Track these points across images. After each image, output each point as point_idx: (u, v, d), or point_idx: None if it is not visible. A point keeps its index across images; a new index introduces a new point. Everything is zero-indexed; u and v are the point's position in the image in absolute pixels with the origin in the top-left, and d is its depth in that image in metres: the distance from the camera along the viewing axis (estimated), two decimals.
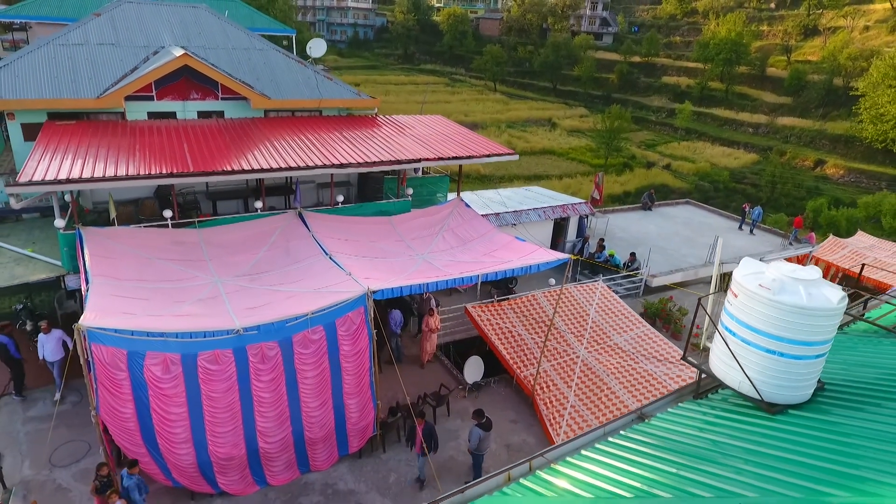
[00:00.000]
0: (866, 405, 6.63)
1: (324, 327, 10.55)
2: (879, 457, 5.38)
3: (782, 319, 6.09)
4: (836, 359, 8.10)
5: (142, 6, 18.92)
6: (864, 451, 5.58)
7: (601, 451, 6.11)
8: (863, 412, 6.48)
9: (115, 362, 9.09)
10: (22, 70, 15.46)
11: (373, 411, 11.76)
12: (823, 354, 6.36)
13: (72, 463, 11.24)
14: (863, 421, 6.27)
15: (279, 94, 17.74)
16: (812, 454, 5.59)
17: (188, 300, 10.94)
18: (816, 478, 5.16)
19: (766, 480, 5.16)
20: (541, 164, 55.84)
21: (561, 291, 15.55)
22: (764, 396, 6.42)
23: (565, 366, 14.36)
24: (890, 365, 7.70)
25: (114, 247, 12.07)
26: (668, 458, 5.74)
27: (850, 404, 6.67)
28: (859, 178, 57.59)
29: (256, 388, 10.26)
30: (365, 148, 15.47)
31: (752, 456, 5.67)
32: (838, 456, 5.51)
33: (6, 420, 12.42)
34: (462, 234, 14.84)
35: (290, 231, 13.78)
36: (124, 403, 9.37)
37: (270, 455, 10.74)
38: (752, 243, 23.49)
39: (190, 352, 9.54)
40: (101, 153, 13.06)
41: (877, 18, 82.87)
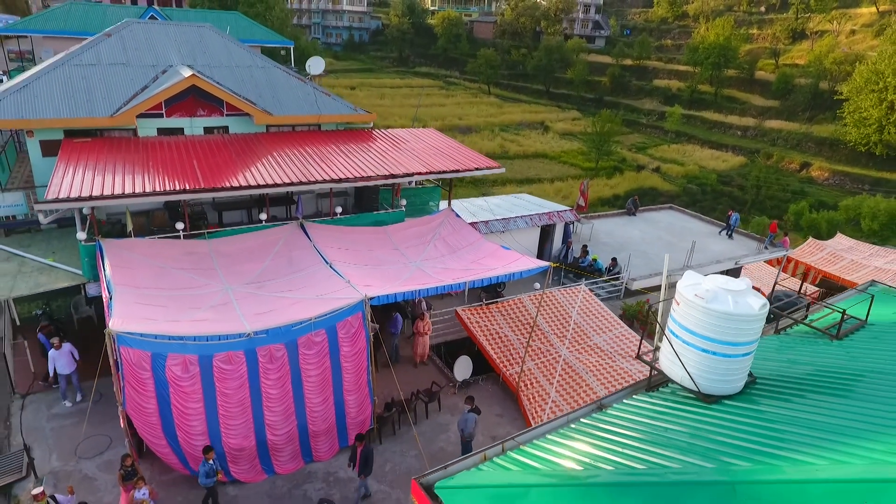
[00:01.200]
0: (792, 396, 7.81)
1: (326, 330, 11.68)
2: (797, 439, 6.53)
3: (714, 324, 7.27)
4: (773, 357, 9.30)
5: (150, 26, 19.99)
6: (784, 433, 6.74)
7: (563, 434, 7.27)
8: (788, 402, 7.66)
9: (140, 363, 10.20)
10: (40, 90, 16.50)
11: (370, 406, 12.89)
12: (750, 353, 7.54)
13: (96, 455, 12.32)
14: (787, 409, 7.45)
15: (280, 110, 18.84)
16: (738, 436, 6.76)
17: (202, 306, 12.05)
18: (737, 455, 6.31)
19: (693, 456, 6.32)
20: (533, 167, 57.03)
21: (542, 296, 16.71)
22: (701, 389, 7.60)
23: (548, 364, 15.54)
24: (819, 362, 8.90)
25: (131, 257, 13.17)
26: (617, 440, 6.90)
27: (777, 395, 7.86)
28: (843, 181, 59.05)
29: (265, 385, 11.38)
30: (362, 162, 16.60)
31: (687, 438, 6.83)
32: (761, 438, 6.67)
33: (32, 417, 13.48)
34: (452, 242, 15.98)
35: (293, 241, 14.89)
36: (148, 400, 10.48)
37: (277, 446, 11.86)
38: (729, 247, 24.73)
39: (206, 353, 10.65)
40: (118, 170, 14.14)
41: (863, 22, 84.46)
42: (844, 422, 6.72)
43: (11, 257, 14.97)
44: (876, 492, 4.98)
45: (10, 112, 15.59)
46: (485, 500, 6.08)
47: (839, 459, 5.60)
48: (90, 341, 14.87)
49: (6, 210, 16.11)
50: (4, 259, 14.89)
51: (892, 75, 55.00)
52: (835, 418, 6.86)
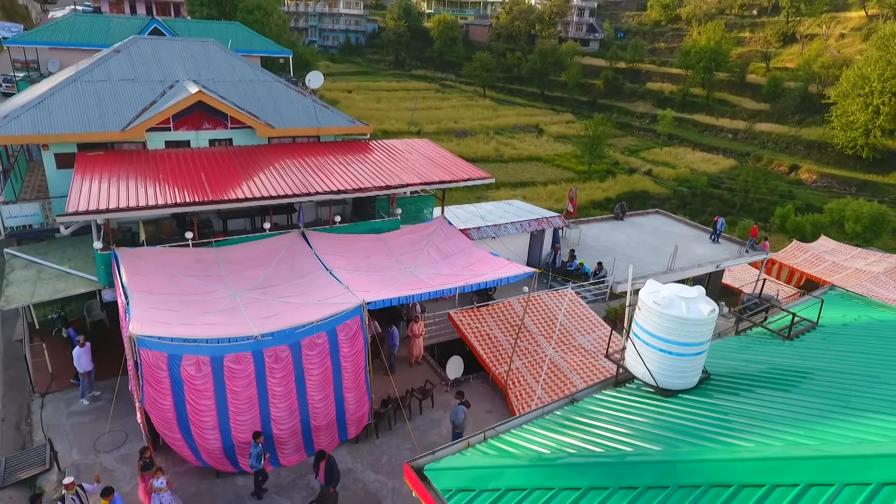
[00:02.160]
0: (742, 391, 8.82)
1: (327, 333, 12.66)
2: (738, 426, 7.51)
3: (669, 327, 8.27)
4: (731, 356, 10.32)
5: (156, 42, 20.95)
6: (729, 422, 7.73)
7: (537, 424, 8.27)
8: (738, 395, 8.67)
9: (157, 363, 11.17)
10: (54, 106, 17.43)
11: (368, 403, 13.88)
12: (702, 352, 8.55)
13: (113, 449, 13.28)
14: (736, 402, 8.45)
15: (282, 122, 19.81)
16: (688, 425, 7.76)
17: (212, 311, 13.03)
18: (684, 440, 7.30)
19: (647, 441, 7.33)
20: (527, 170, 58.07)
21: (529, 299, 17.72)
22: (659, 384, 8.61)
23: (535, 363, 16.56)
24: (770, 360, 9.92)
25: (145, 265, 14.13)
26: (583, 429, 7.91)
27: (729, 390, 8.87)
28: (831, 183, 60.32)
29: (271, 383, 12.35)
30: (359, 173, 17.59)
31: (644, 426, 7.84)
32: (707, 426, 7.67)
33: (51, 415, 14.43)
34: (444, 249, 16.98)
35: (295, 249, 15.88)
36: (164, 397, 11.45)
37: (282, 440, 12.84)
38: (712, 251, 25.77)
39: (217, 354, 11.63)
40: (131, 182, 15.11)
41: (852, 26, 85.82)
42: (784, 412, 7.71)
43: (30, 265, 15.92)
44: (785, 467, 6.00)
45: (27, 127, 16.53)
46: (466, 480, 7.08)
47: (765, 442, 6.61)
48: (102, 344, 15.91)
49: (23, 220, 17.03)
50: (23, 266, 15.84)
51: (877, 80, 56.29)
52: (777, 409, 7.86)
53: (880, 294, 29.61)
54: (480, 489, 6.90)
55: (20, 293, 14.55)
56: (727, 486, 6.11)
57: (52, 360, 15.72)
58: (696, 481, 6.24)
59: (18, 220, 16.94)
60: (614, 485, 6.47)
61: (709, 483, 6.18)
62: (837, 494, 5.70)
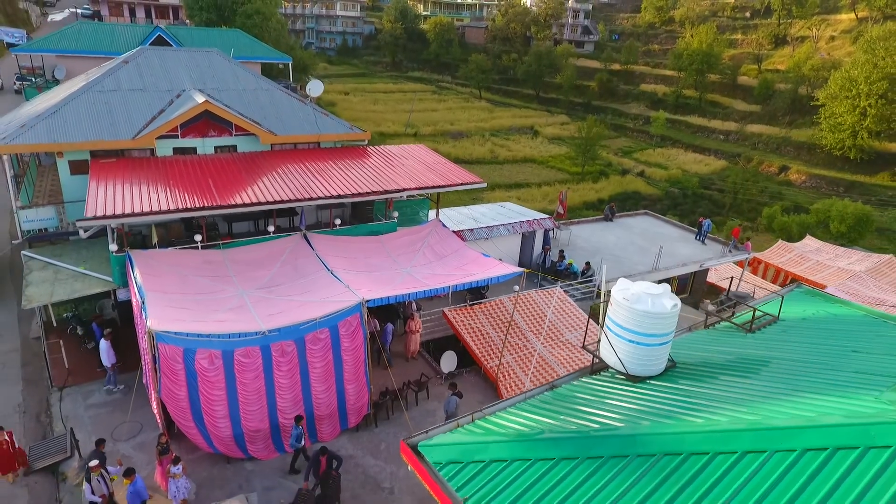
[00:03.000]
0: (705, 377, 9.84)
1: (329, 329, 13.62)
2: (696, 406, 8.52)
3: (637, 320, 9.28)
4: (699, 347, 11.34)
5: (163, 53, 21.88)
6: (688, 403, 8.74)
7: (520, 407, 9.28)
8: (700, 381, 9.69)
9: (174, 357, 12.12)
10: (69, 115, 18.35)
11: (367, 394, 14.84)
12: (667, 343, 9.56)
13: (130, 438, 14.21)
14: (697, 386, 9.47)
15: (283, 130, 20.76)
16: (651, 405, 8.78)
17: (221, 309, 13.98)
18: (646, 417, 8.32)
19: (614, 419, 8.33)
20: (522, 172, 59.09)
21: (517, 298, 18.71)
22: (629, 371, 9.62)
23: (524, 358, 17.55)
24: (733, 350, 10.94)
25: (157, 266, 15.07)
26: (559, 410, 8.92)
27: (693, 376, 9.88)
28: (820, 184, 61.47)
29: (277, 376, 13.31)
30: (358, 178, 18.55)
31: (613, 408, 8.84)
32: (668, 406, 8.69)
33: (70, 407, 15.34)
34: (439, 250, 17.96)
35: (298, 250, 16.84)
36: (180, 388, 12.40)
37: (288, 428, 13.77)
38: (697, 251, 26.79)
39: (228, 349, 12.58)
40: (143, 188, 16.05)
41: (842, 28, 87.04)
42: (737, 394, 8.72)
43: (47, 266, 16.83)
44: (727, 438, 7.00)
45: (43, 136, 17.46)
46: (455, 454, 8.07)
47: (713, 418, 7.61)
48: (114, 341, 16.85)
49: (39, 223, 17.96)
50: (41, 268, 16.75)
51: (864, 83, 57.44)
52: (730, 392, 8.87)
53: (860, 292, 30.66)
54: (467, 461, 7.91)
55: (40, 293, 15.47)
56: (677, 455, 7.13)
57: (69, 357, 16.63)
58: (652, 451, 7.26)
59: (35, 223, 17.86)
60: (582, 455, 7.47)
61: (662, 452, 7.19)
62: (769, 459, 6.73)
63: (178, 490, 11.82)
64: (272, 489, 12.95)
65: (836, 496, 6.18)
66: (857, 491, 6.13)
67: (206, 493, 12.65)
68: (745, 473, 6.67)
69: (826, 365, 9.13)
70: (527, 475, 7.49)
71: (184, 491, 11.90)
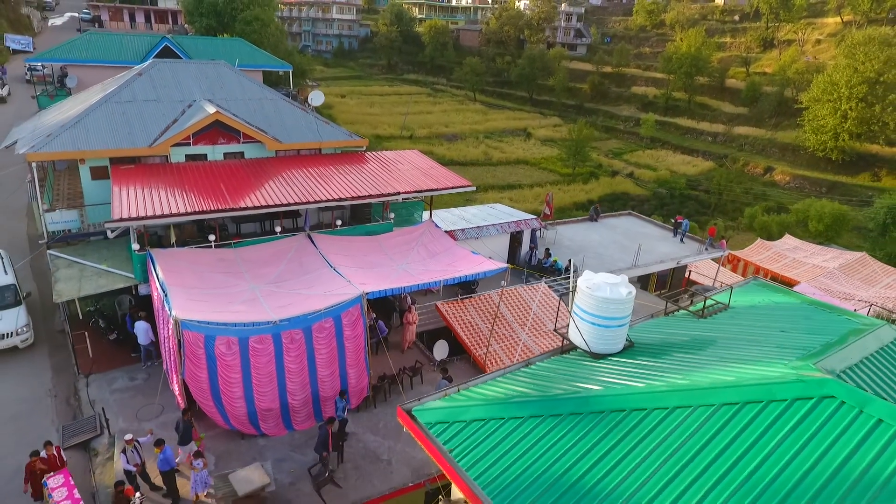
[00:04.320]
0: (658, 354, 11.45)
1: (333, 319, 15.21)
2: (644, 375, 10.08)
3: (597, 305, 10.90)
4: (657, 330, 12.97)
5: (174, 65, 23.42)
6: (639, 374, 10.34)
7: (498, 380, 10.89)
8: (654, 357, 11.30)
9: (196, 343, 13.69)
10: (90, 125, 19.85)
11: (367, 378, 16.44)
12: (624, 325, 11.18)
13: (153, 418, 15.76)
14: (651, 361, 11.07)
15: (287, 137, 22.32)
16: (607, 376, 10.39)
17: (235, 301, 15.57)
18: (600, 384, 9.93)
19: (574, 387, 9.94)
20: (514, 173, 60.80)
21: (507, 292, 20.36)
22: (592, 349, 11.25)
23: (510, 347, 19.18)
24: (684, 333, 12.57)
25: (176, 263, 16.64)
26: (531, 381, 10.53)
27: (646, 353, 11.49)
28: (803, 184, 63.38)
29: (287, 361, 14.89)
30: (357, 182, 20.15)
31: (576, 378, 10.46)
32: (621, 376, 10.29)
33: (97, 392, 16.87)
34: (432, 248, 19.58)
35: (303, 249, 18.43)
36: (201, 371, 13.98)
37: (296, 408, 15.38)
38: (675, 249, 28.48)
39: (244, 336, 14.16)
40: (162, 193, 17.60)
41: (828, 32, 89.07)
42: (679, 365, 10.35)
43: (72, 264, 18.35)
44: (661, 397, 8.64)
45: (68, 144, 18.98)
46: (442, 416, 9.69)
47: (653, 383, 9.25)
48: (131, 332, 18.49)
49: (63, 225, 19.44)
50: (66, 266, 18.27)
51: (845, 86, 59.35)
52: (674, 364, 10.50)
53: (831, 287, 32.45)
54: (452, 421, 9.53)
55: (69, 288, 17.00)
56: (622, 411, 8.78)
57: (93, 347, 18.17)
58: (601, 409, 8.90)
59: (59, 225, 19.36)
60: (546, 413, 9.11)
61: (609, 409, 8.84)
62: (693, 412, 8.40)
63: (199, 482, 12.69)
64: (283, 461, 14.54)
65: (742, 437, 7.83)
66: (759, 432, 7.79)
67: (224, 464, 14.22)
68: (674, 423, 8.32)
69: (756, 342, 10.78)
70: (500, 430, 9.12)
71: (204, 484, 12.71)
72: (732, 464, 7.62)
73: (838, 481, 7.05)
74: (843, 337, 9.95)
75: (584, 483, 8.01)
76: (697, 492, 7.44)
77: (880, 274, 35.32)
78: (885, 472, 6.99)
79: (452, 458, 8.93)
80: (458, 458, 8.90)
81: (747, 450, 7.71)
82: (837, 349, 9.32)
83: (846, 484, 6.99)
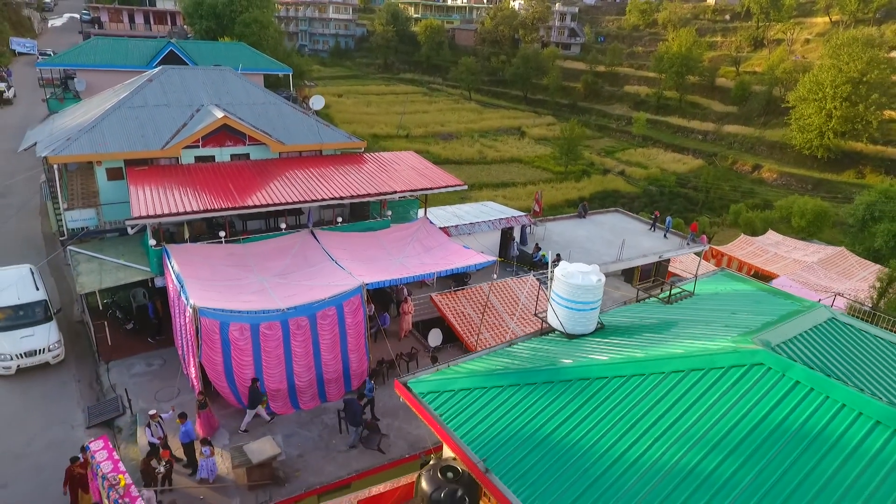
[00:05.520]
0: (625, 334, 12.92)
1: (335, 307, 16.64)
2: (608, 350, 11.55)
3: (570, 291, 12.36)
4: (628, 315, 14.44)
5: (183, 71, 24.77)
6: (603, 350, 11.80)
7: (483, 357, 12.35)
8: (623, 336, 12.77)
9: (212, 328, 15.10)
10: (105, 129, 21.20)
11: (366, 362, 17.87)
12: (595, 308, 12.65)
13: (170, 399, 17.16)
14: (619, 340, 12.56)
15: (290, 139, 23.70)
16: (579, 352, 11.85)
17: (246, 292, 16.98)
18: (571, 358, 11.40)
19: (548, 362, 11.40)
20: (508, 172, 62.18)
21: (497, 284, 21.81)
22: (567, 330, 12.71)
23: (500, 334, 20.63)
24: (651, 317, 14.03)
25: (190, 257, 18.03)
26: (510, 359, 11.99)
27: (616, 333, 12.97)
28: (790, 181, 64.99)
29: (294, 345, 16.31)
30: (356, 182, 21.56)
31: (551, 354, 11.92)
32: (590, 351, 11.76)
33: (117, 376, 18.26)
34: (426, 243, 21.02)
35: (306, 244, 19.84)
36: (217, 354, 15.39)
37: (302, 389, 16.81)
38: (657, 243, 29.99)
39: (255, 322, 15.57)
40: (176, 192, 18.99)
41: (817, 32, 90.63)
42: (639, 342, 11.83)
43: (91, 259, 19.70)
44: (620, 367, 10.11)
45: (86, 147, 20.34)
46: (433, 386, 11.14)
47: (616, 356, 10.71)
48: (146, 322, 19.93)
49: (82, 222, 20.79)
50: (86, 260, 19.63)
51: (830, 86, 60.93)
52: (636, 342, 11.97)
53: (809, 280, 34.02)
54: (442, 391, 10.99)
55: (91, 281, 18.38)
56: (587, 379, 10.25)
57: (112, 336, 19.55)
58: (570, 378, 10.37)
59: (78, 222, 20.70)
60: (523, 382, 10.58)
61: (576, 378, 10.31)
62: (646, 379, 9.88)
63: (206, 468, 13.93)
64: (291, 436, 15.98)
65: (685, 398, 9.31)
66: (699, 393, 9.28)
67: (237, 439, 15.63)
68: (630, 388, 9.80)
69: (710, 323, 12.24)
70: (484, 397, 10.57)
71: (211, 470, 13.93)
72: (676, 419, 9.10)
73: (759, 431, 8.54)
74: (783, 317, 11.44)
75: (554, 438, 9.48)
76: (647, 441, 8.92)
77: (857, 268, 36.87)
78: (797, 422, 8.48)
79: (443, 422, 10.38)
80: (448, 421, 10.35)
81: (689, 407, 9.19)
82: (774, 326, 10.81)
83: (765, 433, 8.48)
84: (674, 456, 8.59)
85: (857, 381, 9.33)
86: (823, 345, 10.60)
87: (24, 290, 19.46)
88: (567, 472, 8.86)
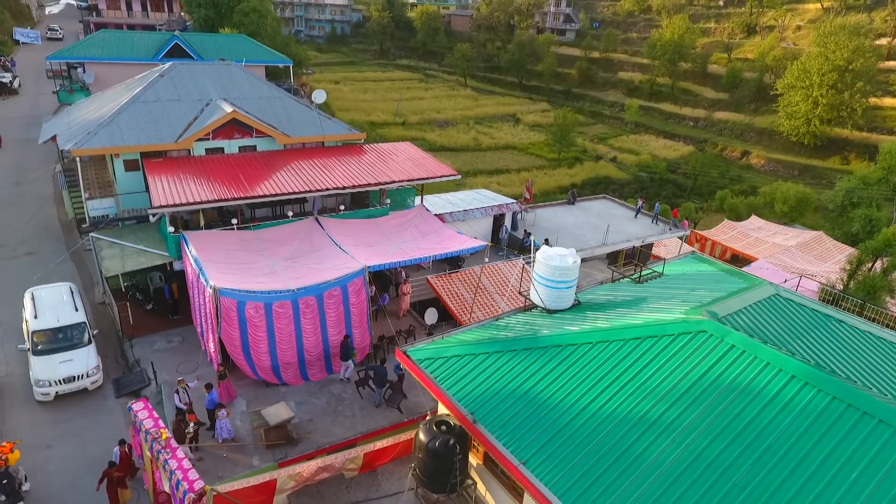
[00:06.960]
0: (597, 309, 14.67)
1: (340, 288, 18.32)
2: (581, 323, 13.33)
3: (550, 271, 14.08)
4: (603, 294, 16.19)
5: (192, 67, 26.15)
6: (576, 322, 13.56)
7: (472, 330, 14.10)
8: (594, 311, 14.52)
9: (231, 307, 16.78)
10: (122, 123, 22.64)
11: (368, 338, 19.61)
12: (571, 287, 14.37)
13: (191, 372, 18.88)
14: (592, 313, 14.30)
15: (294, 132, 25.19)
16: (556, 324, 13.61)
17: (258, 274, 18.65)
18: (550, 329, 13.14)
19: (530, 332, 13.15)
20: (503, 158, 63.59)
21: (484, 268, 23.54)
22: (546, 306, 14.45)
23: (490, 312, 22.35)
24: (623, 294, 15.79)
25: (206, 243, 19.66)
26: (495, 331, 13.73)
27: (589, 309, 14.72)
28: (777, 167, 66.64)
29: (303, 322, 18.01)
30: (357, 172, 23.14)
31: (532, 326, 13.66)
32: (571, 324, 13.52)
33: (140, 352, 19.96)
34: (423, 229, 22.68)
35: (312, 230, 21.48)
36: (234, 330, 17.09)
37: (311, 362, 18.55)
38: (641, 229, 31.68)
39: (268, 302, 17.26)
40: (191, 182, 20.54)
41: (809, 18, 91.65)
42: (608, 316, 13.57)
43: (112, 245, 21.30)
44: (588, 335, 11.86)
45: (105, 141, 21.81)
46: (429, 353, 12.89)
47: (586, 326, 12.46)
48: (163, 303, 21.63)
49: (102, 211, 22.34)
50: (108, 246, 21.24)
51: (816, 74, 62.32)
52: (606, 315, 13.72)
53: (787, 263, 35.80)
54: (436, 357, 12.75)
55: (115, 265, 20.01)
56: (560, 346, 12.01)
57: (133, 316, 21.22)
58: (546, 345, 12.13)
59: (99, 211, 22.26)
60: (506, 349, 12.34)
61: (551, 344, 12.07)
62: (610, 344, 11.65)
63: (222, 429, 15.59)
64: (302, 403, 17.75)
65: (641, 360, 11.08)
66: (652, 356, 11.05)
67: (253, 405, 17.39)
68: (596, 353, 11.56)
69: (669, 299, 14.01)
70: (473, 362, 12.33)
71: (226, 431, 15.57)
72: (633, 377, 10.88)
73: (700, 384, 10.33)
74: (732, 293, 13.20)
75: (531, 394, 11.25)
76: (608, 394, 10.71)
77: (833, 251, 38.68)
78: (730, 378, 10.26)
79: (438, 383, 12.14)
80: (442, 382, 12.12)
81: (644, 367, 10.97)
82: (723, 300, 12.57)
83: (704, 386, 10.27)
84: (630, 406, 10.38)
85: (786, 345, 11.12)
86: (763, 316, 12.37)
87: (63, 311, 18.92)
88: (541, 421, 10.64)
